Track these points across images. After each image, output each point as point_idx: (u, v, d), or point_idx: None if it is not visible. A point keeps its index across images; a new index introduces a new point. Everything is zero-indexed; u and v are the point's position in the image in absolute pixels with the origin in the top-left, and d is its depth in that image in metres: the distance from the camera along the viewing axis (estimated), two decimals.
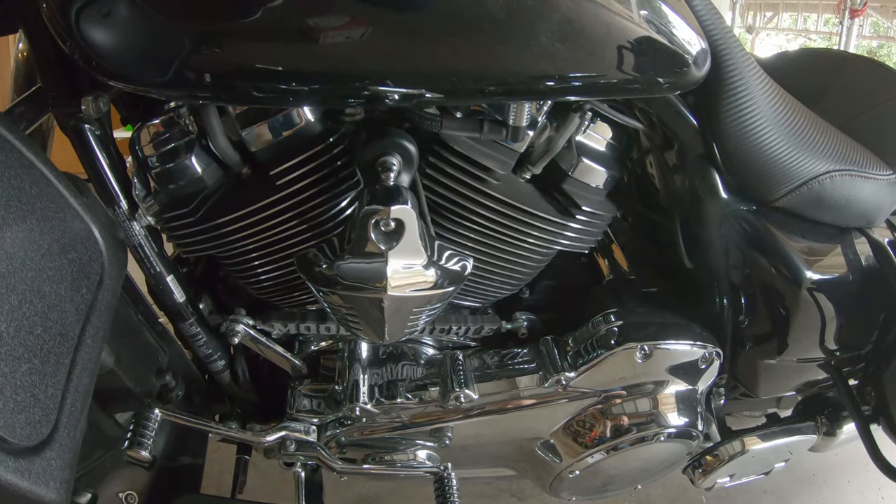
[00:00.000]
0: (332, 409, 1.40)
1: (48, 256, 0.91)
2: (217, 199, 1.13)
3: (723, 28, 1.16)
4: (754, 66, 1.20)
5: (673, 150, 1.26)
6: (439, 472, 1.41)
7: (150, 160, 1.11)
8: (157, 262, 1.22)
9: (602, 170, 1.23)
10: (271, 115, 1.09)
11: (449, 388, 1.33)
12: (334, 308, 1.12)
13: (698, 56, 1.06)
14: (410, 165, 1.08)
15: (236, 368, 1.44)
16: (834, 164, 1.28)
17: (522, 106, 1.05)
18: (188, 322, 1.31)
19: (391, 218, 0.98)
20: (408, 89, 0.95)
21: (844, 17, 6.98)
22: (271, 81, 0.91)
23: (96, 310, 0.99)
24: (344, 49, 0.90)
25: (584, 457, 1.49)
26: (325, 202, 1.15)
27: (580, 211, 1.23)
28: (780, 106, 1.23)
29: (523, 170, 1.20)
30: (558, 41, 0.94)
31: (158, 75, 0.90)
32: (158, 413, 1.23)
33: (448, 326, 1.40)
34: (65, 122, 1.07)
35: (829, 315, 1.36)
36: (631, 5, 0.98)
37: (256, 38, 0.89)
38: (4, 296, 0.81)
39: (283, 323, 1.36)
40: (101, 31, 0.87)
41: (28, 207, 0.89)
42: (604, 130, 1.23)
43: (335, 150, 1.11)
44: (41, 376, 0.85)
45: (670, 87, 1.07)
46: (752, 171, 1.24)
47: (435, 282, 1.05)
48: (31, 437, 0.82)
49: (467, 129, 1.10)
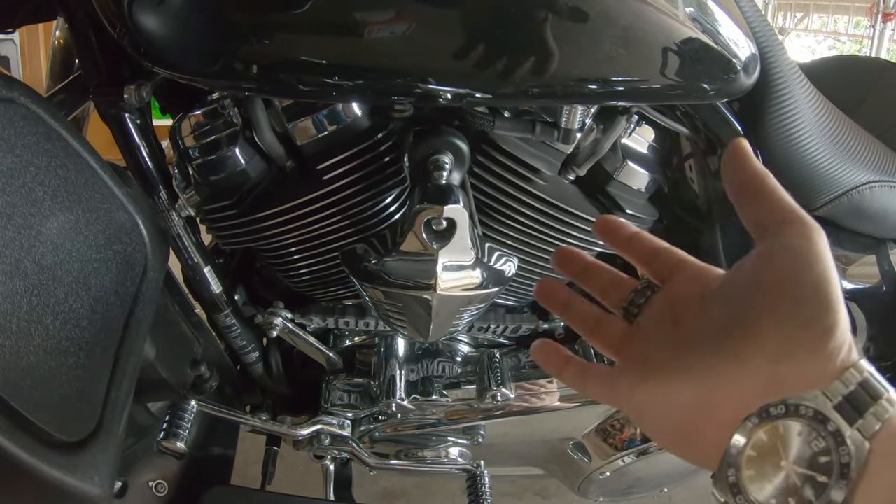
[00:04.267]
0: (367, 405, 1.40)
1: (94, 248, 0.90)
2: (260, 192, 1.12)
3: (768, 31, 1.15)
4: (798, 73, 1.18)
5: (716, 156, 1.25)
6: (472, 470, 1.40)
7: (191, 151, 1.10)
8: (194, 252, 1.21)
9: (645, 173, 1.22)
10: (318, 109, 1.07)
11: (486, 386, 1.33)
12: (377, 304, 1.12)
13: (748, 63, 1.04)
14: (462, 164, 1.06)
15: (269, 360, 1.43)
16: (874, 174, 1.27)
17: (576, 109, 1.04)
18: (224, 313, 1.30)
19: (443, 217, 0.97)
20: (455, 88, 0.93)
21: (876, 21, 6.91)
22: (317, 75, 0.90)
23: (140, 302, 0.98)
24: (391, 45, 0.89)
25: (614, 459, 1.48)
26: (369, 199, 1.14)
27: (623, 213, 1.22)
28: (824, 115, 1.22)
29: (568, 171, 1.18)
30: (608, 44, 0.93)
31: (207, 65, 0.89)
32: (194, 404, 1.23)
33: (486, 325, 1.39)
34: (105, 110, 1.06)
35: (861, 325, 1.35)
36: (680, 7, 0.96)
37: (304, 31, 0.88)
38: (51, 288, 0.80)
39: (322, 317, 1.35)
40: (153, 19, 0.86)
41: (74, 198, 0.89)
42: (647, 134, 1.22)
43: (382, 147, 1.10)
44: (87, 370, 0.85)
45: (718, 94, 1.05)
46: (793, 179, 1.22)
47: (481, 282, 1.05)
48: (77, 432, 0.81)
49: (519, 130, 1.09)
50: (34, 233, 0.79)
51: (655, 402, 0.54)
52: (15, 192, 0.77)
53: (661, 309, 0.60)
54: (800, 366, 0.47)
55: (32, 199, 0.80)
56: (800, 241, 0.51)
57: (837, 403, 0.45)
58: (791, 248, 0.51)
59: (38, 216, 0.80)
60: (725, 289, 0.55)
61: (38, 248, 0.79)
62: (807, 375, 0.46)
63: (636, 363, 0.57)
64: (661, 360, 0.55)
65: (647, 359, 0.57)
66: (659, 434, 0.56)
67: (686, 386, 0.51)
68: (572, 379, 0.63)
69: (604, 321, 0.64)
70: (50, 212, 0.83)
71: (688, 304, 0.57)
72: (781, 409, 0.46)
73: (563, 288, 0.69)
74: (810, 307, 0.48)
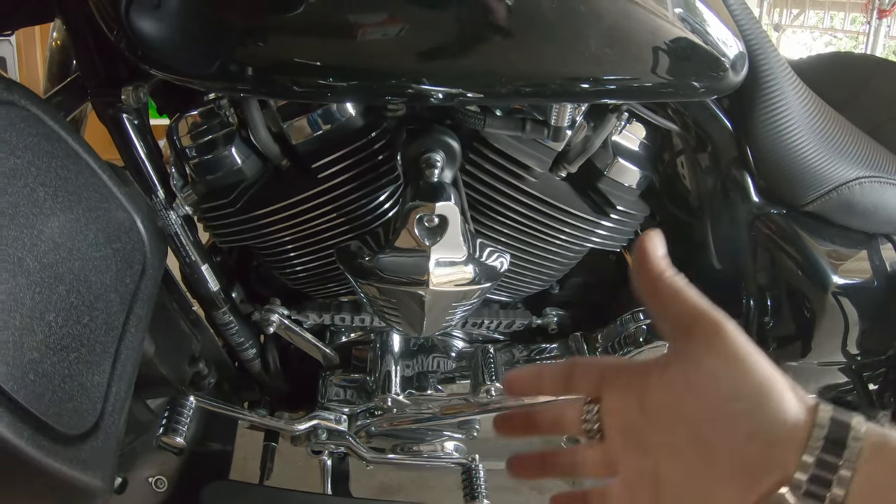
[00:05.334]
0: (363, 399, 1.41)
1: (94, 246, 0.92)
2: (256, 190, 1.14)
3: (757, 29, 1.16)
4: (788, 71, 1.19)
5: (706, 152, 1.26)
6: (467, 464, 1.42)
7: (188, 150, 1.12)
8: (192, 250, 1.22)
9: (636, 170, 1.23)
10: (313, 108, 1.10)
11: (480, 380, 1.34)
12: (372, 300, 1.13)
13: (736, 61, 1.06)
14: (454, 162, 1.08)
15: (267, 357, 1.45)
16: (864, 170, 1.28)
17: (565, 107, 1.06)
18: (221, 310, 1.31)
19: (435, 214, 0.99)
20: (448, 88, 0.95)
21: (872, 17, 6.88)
22: (311, 77, 0.92)
23: (139, 299, 1.00)
24: (384, 47, 0.91)
25: None
26: (364, 196, 1.15)
27: (614, 210, 1.24)
28: (814, 111, 1.23)
29: (559, 168, 1.20)
30: (598, 43, 0.94)
31: (202, 67, 0.91)
32: (193, 400, 1.24)
33: (480, 320, 1.41)
34: (103, 111, 1.07)
35: (852, 320, 1.36)
36: (669, 7, 0.98)
37: (298, 34, 0.90)
38: (53, 285, 0.82)
39: (318, 313, 1.37)
40: (150, 22, 0.88)
41: (74, 197, 0.90)
42: (638, 131, 1.23)
43: (376, 146, 1.12)
44: (88, 365, 0.86)
45: (707, 92, 1.07)
46: (783, 175, 1.24)
47: (474, 278, 1.06)
48: (79, 425, 0.83)
49: (509, 128, 1.10)
50: (36, 232, 0.80)
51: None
52: (17, 192, 0.79)
53: (615, 424, 0.58)
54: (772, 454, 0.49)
55: (34, 199, 0.82)
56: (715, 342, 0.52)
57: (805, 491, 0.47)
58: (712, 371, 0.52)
59: (40, 216, 0.82)
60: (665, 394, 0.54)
61: (39, 246, 0.81)
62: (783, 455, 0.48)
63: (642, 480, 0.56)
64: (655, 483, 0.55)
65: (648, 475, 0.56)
66: None
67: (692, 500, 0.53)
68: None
69: (579, 457, 0.61)
70: (51, 211, 0.84)
71: (633, 415, 0.56)
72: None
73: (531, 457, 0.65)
74: (756, 399, 0.50)
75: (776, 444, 0.49)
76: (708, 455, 0.51)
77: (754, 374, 0.50)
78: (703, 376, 0.52)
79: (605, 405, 0.58)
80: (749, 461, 0.49)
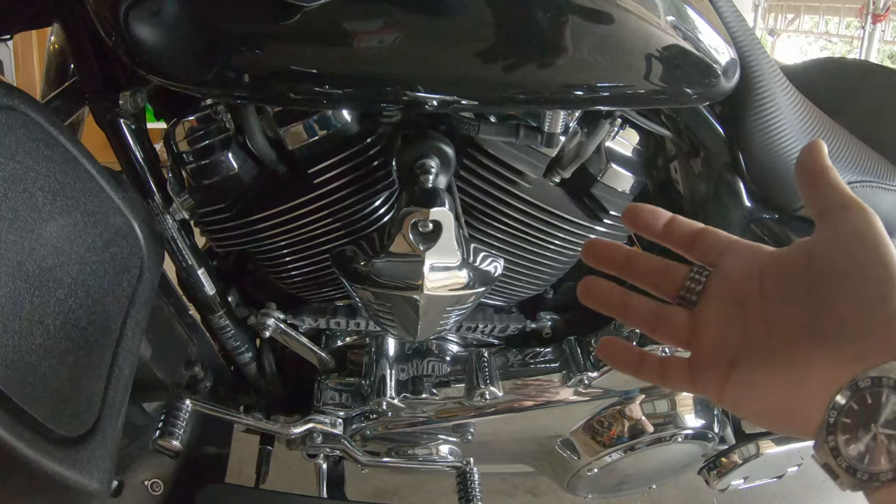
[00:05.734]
0: (358, 403, 1.42)
1: (92, 250, 0.93)
2: (252, 195, 1.15)
3: (750, 36, 1.17)
4: (780, 76, 1.20)
5: (699, 158, 1.27)
6: (461, 467, 1.42)
7: (185, 155, 1.12)
8: (188, 255, 1.23)
9: (630, 175, 1.24)
10: (309, 114, 1.10)
11: (474, 384, 1.35)
12: (367, 305, 1.14)
13: (728, 67, 1.07)
14: (448, 168, 1.09)
15: (263, 361, 1.46)
16: (855, 175, 1.29)
17: (558, 113, 1.07)
18: (217, 314, 1.32)
19: (429, 220, 1.00)
20: (442, 96, 0.96)
21: (867, 22, 6.93)
22: (308, 84, 0.93)
23: (136, 303, 1.01)
24: (379, 54, 0.92)
25: (602, 455, 1.50)
26: (359, 201, 1.16)
27: (607, 215, 1.24)
28: (805, 116, 1.24)
29: (553, 174, 1.21)
30: (591, 51, 0.95)
31: (200, 73, 0.92)
32: (189, 403, 1.25)
33: (475, 324, 1.41)
34: (101, 116, 1.08)
35: None
36: (661, 16, 0.99)
37: (294, 41, 0.91)
38: (51, 289, 0.83)
39: (314, 317, 1.38)
40: (148, 29, 0.89)
41: (72, 202, 0.91)
42: (632, 136, 1.24)
43: (372, 151, 1.13)
44: (86, 368, 0.87)
45: (699, 98, 1.08)
46: (775, 180, 1.24)
47: (468, 282, 1.07)
48: (77, 427, 0.84)
49: (503, 134, 1.11)
50: (35, 236, 0.81)
51: (747, 393, 0.56)
52: (16, 197, 0.80)
53: (720, 292, 0.60)
54: (879, 340, 0.50)
55: (33, 203, 0.82)
56: (862, 226, 0.53)
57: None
58: (857, 232, 0.53)
59: (39, 220, 0.83)
60: (787, 268, 0.57)
61: (38, 251, 0.81)
62: (887, 347, 0.49)
63: (715, 354, 0.58)
64: (742, 348, 0.56)
65: (724, 348, 0.58)
66: (756, 417, 0.57)
67: (775, 373, 0.54)
68: (651, 376, 0.63)
69: (664, 315, 0.63)
70: (50, 216, 0.85)
71: (748, 285, 0.58)
72: (868, 381, 0.48)
73: (615, 288, 0.66)
74: (883, 284, 0.51)
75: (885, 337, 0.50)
76: (821, 318, 0.53)
77: (887, 261, 0.51)
78: (840, 247, 0.54)
79: (719, 270, 0.61)
80: (863, 331, 0.50)
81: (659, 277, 0.64)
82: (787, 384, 0.53)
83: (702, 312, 0.61)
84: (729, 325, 0.58)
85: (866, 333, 0.50)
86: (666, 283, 0.63)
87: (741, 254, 0.60)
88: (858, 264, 0.52)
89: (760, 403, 0.56)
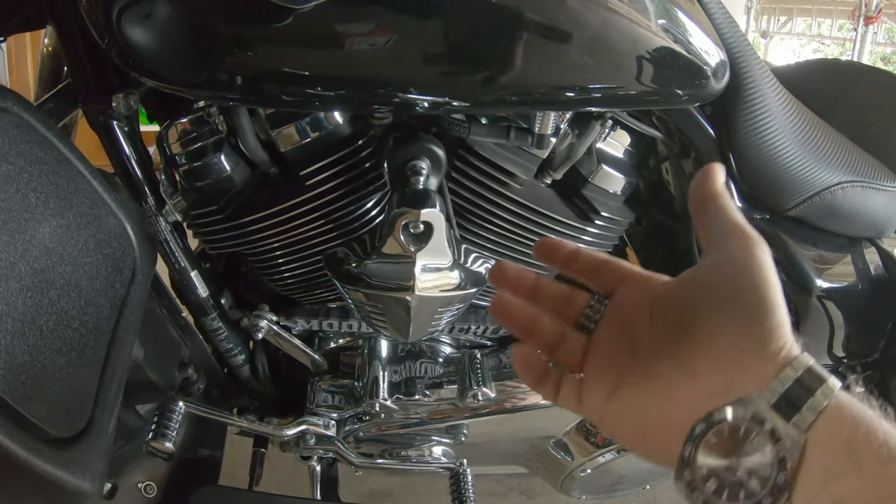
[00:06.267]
0: (351, 405, 1.42)
1: (84, 252, 0.93)
2: (245, 197, 1.15)
3: (740, 38, 1.18)
4: (770, 78, 1.21)
5: (690, 159, 1.27)
6: (455, 469, 1.43)
7: (177, 157, 1.13)
8: (181, 257, 1.23)
9: (620, 176, 1.24)
10: (301, 116, 1.11)
11: (467, 385, 1.35)
12: (359, 306, 1.14)
13: (717, 68, 1.07)
14: (439, 170, 1.09)
15: (256, 363, 1.46)
16: (846, 175, 1.30)
17: (548, 115, 1.07)
18: (210, 317, 1.32)
19: (420, 221, 1.00)
20: (433, 97, 0.97)
21: (859, 24, 6.95)
22: (299, 86, 0.94)
23: (128, 304, 1.01)
24: (370, 56, 0.92)
25: (595, 456, 1.51)
26: (351, 203, 1.17)
27: (598, 216, 1.25)
28: (795, 117, 1.25)
29: (544, 175, 1.21)
30: (581, 53, 0.96)
31: (192, 76, 0.93)
32: (182, 405, 1.25)
33: (467, 326, 1.41)
34: (94, 118, 1.08)
35: (837, 323, 1.37)
36: (652, 19, 1.00)
37: (286, 44, 0.92)
38: (44, 290, 0.83)
39: (307, 319, 1.38)
40: (141, 32, 0.89)
41: (65, 204, 0.91)
42: (623, 138, 1.25)
43: (363, 153, 1.13)
44: (78, 369, 0.87)
45: (690, 99, 1.09)
46: (766, 180, 1.25)
47: (459, 283, 1.07)
48: (69, 428, 0.84)
49: (494, 136, 1.12)
50: (28, 237, 0.81)
51: (622, 419, 0.57)
52: (9, 198, 0.80)
53: (615, 320, 0.62)
54: (745, 370, 0.50)
55: (26, 205, 0.83)
56: (742, 252, 0.54)
57: (775, 402, 0.48)
58: (734, 259, 0.54)
59: (32, 221, 0.83)
60: (672, 297, 0.58)
61: (31, 252, 0.81)
62: (752, 377, 0.49)
63: (601, 378, 0.59)
64: (625, 375, 0.57)
65: (610, 374, 0.59)
66: (628, 443, 0.59)
67: (648, 402, 0.55)
68: (547, 392, 0.64)
69: (565, 338, 0.64)
70: (43, 217, 0.85)
71: (639, 313, 0.59)
72: (724, 413, 0.49)
73: (525, 307, 0.67)
74: (753, 311, 0.51)
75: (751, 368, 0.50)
76: (691, 347, 0.53)
77: (763, 292, 0.52)
78: (719, 273, 0.55)
79: (616, 299, 0.62)
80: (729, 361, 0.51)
81: (562, 304, 0.66)
82: (656, 413, 0.54)
83: (596, 339, 0.62)
84: (618, 353, 0.59)
85: (731, 363, 0.51)
86: (569, 310, 0.65)
87: (637, 284, 0.62)
88: (734, 288, 0.53)
89: (632, 430, 0.57)
